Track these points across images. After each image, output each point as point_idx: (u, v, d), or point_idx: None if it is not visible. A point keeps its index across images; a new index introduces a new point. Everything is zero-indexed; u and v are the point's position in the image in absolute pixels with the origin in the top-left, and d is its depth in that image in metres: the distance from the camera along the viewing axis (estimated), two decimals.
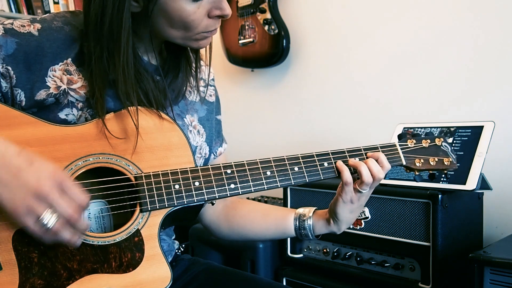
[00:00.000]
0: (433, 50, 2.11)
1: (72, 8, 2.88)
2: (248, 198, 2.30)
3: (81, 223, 0.87)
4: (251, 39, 2.55)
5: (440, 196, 1.55)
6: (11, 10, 2.73)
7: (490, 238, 1.85)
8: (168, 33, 1.05)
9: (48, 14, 1.08)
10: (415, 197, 1.62)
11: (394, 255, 1.70)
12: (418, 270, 1.64)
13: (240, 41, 2.59)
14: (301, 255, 1.97)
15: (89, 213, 1.03)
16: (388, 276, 1.71)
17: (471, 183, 1.56)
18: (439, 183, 1.62)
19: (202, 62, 1.26)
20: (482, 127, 1.64)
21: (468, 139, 1.64)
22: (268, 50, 2.53)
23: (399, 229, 1.66)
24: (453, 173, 1.61)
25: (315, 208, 1.26)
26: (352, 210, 1.17)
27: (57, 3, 2.82)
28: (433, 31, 2.11)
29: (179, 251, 1.35)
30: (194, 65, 1.20)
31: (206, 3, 1.02)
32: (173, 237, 1.32)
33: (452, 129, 1.69)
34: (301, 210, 1.25)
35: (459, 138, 1.66)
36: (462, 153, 1.61)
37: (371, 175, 1.11)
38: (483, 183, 1.60)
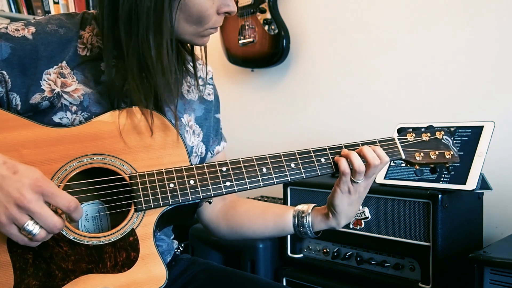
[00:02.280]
0: (434, 51, 2.10)
1: (72, 8, 2.88)
2: (248, 198, 2.30)
3: (75, 218, 0.88)
4: (251, 39, 2.54)
5: (440, 196, 1.55)
6: (11, 10, 2.74)
7: (490, 238, 1.85)
8: (180, 29, 1.06)
9: (43, 16, 1.08)
10: (415, 197, 1.61)
11: (394, 255, 1.70)
12: (418, 270, 1.63)
13: (240, 41, 2.58)
14: (301, 255, 1.96)
15: (87, 214, 1.02)
16: (388, 276, 1.71)
17: (471, 183, 1.55)
18: (439, 183, 1.62)
19: (200, 61, 1.26)
20: (482, 127, 1.63)
21: (468, 139, 1.64)
22: (268, 50, 2.53)
23: (399, 229, 1.66)
24: (453, 173, 1.60)
25: (314, 204, 1.24)
26: (350, 202, 1.15)
27: (57, 3, 2.83)
28: (433, 31, 2.10)
29: (179, 250, 1.34)
30: (190, 64, 1.20)
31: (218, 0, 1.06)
32: (172, 237, 1.32)
33: (452, 129, 1.68)
34: (300, 207, 1.24)
35: (459, 138, 1.65)
36: (462, 153, 1.61)
37: (367, 162, 1.10)
38: (483, 183, 1.59)
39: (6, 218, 0.82)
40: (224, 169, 1.05)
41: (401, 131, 1.22)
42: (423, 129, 1.22)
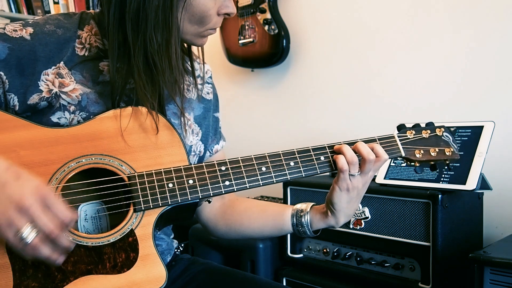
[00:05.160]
0: (434, 51, 2.10)
1: (71, 8, 2.88)
2: (248, 198, 2.30)
3: (62, 240, 0.86)
4: (251, 39, 2.54)
5: (440, 196, 1.54)
6: (11, 10, 2.73)
7: (490, 238, 1.84)
8: (183, 28, 1.07)
9: (41, 17, 1.08)
10: (415, 197, 1.61)
11: (394, 255, 1.70)
12: (418, 270, 1.63)
13: (240, 41, 2.58)
14: (301, 255, 1.96)
15: (86, 214, 1.02)
16: (388, 276, 1.71)
17: (471, 183, 1.55)
18: (439, 183, 1.61)
19: (199, 60, 1.26)
20: (482, 127, 1.63)
21: (468, 139, 1.64)
22: (268, 50, 2.53)
23: (399, 229, 1.66)
24: (453, 173, 1.60)
25: (313, 203, 1.23)
26: (349, 200, 1.14)
27: (57, 3, 2.82)
28: (434, 31, 2.10)
29: (178, 250, 1.34)
30: (188, 63, 1.20)
31: (219, 0, 1.07)
32: (172, 236, 1.32)
33: (452, 129, 1.68)
34: (298, 206, 1.23)
35: (459, 138, 1.65)
36: (462, 153, 1.60)
37: (362, 157, 1.09)
38: (483, 183, 1.59)
39: (4, 220, 0.82)
40: (223, 168, 1.05)
41: (401, 128, 1.20)
42: (423, 126, 1.21)
